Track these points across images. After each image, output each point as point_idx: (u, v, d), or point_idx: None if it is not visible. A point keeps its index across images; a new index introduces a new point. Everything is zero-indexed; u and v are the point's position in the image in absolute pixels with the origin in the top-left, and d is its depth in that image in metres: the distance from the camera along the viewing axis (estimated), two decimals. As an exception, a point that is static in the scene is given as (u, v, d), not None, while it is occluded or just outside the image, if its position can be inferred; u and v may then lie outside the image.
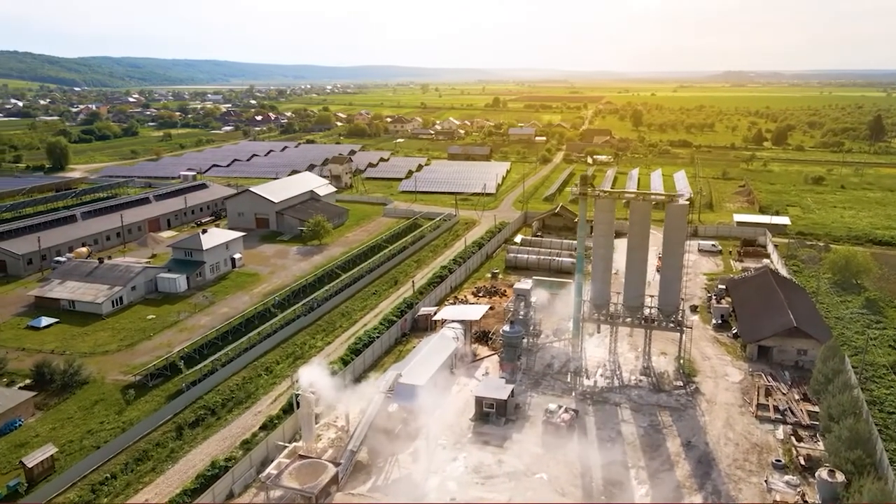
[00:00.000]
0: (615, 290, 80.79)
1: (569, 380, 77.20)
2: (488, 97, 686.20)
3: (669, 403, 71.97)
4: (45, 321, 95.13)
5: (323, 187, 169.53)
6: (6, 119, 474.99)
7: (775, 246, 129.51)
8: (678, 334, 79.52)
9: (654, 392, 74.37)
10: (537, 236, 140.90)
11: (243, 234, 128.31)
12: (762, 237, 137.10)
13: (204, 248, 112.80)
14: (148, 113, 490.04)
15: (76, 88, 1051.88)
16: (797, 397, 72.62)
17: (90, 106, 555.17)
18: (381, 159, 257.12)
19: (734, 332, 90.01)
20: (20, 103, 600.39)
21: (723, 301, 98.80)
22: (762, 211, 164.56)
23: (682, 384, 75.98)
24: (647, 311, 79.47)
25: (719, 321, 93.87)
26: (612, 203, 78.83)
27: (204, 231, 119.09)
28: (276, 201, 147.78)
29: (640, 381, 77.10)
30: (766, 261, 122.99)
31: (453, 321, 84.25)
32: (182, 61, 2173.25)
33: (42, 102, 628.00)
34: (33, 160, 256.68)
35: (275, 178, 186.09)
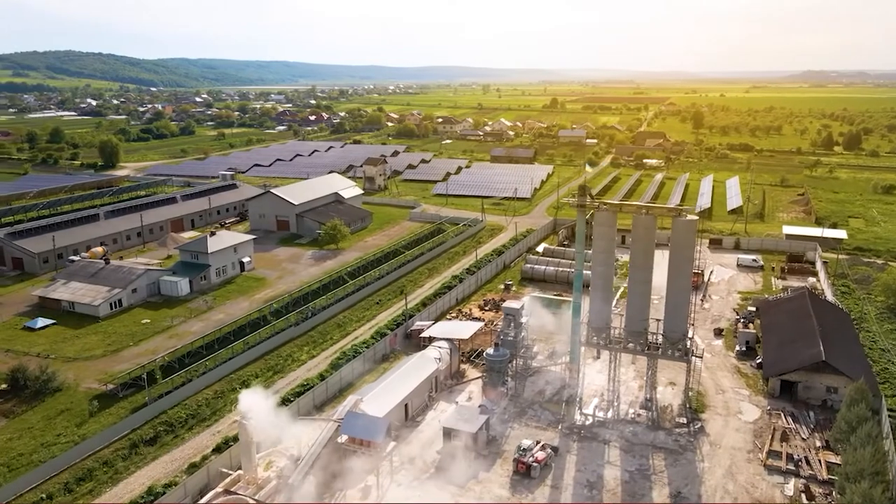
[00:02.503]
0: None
1: (562, 410, 70.05)
2: (548, 98, 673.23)
3: (666, 444, 63.85)
4: (42, 322, 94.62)
5: (349, 189, 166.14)
6: (79, 117, 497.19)
7: (825, 263, 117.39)
8: (688, 363, 70.71)
9: (651, 429, 66.34)
10: (563, 245, 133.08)
11: (254, 236, 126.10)
12: (812, 252, 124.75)
13: (209, 251, 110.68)
14: (209, 112, 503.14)
15: (152, 88, 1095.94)
16: (819, 445, 63.21)
17: (156, 105, 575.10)
18: (423, 161, 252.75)
19: (758, 361, 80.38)
20: (94, 102, 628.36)
21: (751, 325, 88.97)
22: (818, 223, 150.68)
23: (685, 421, 67.57)
24: (650, 337, 71.20)
25: (744, 348, 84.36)
26: (612, 216, 71.16)
27: (212, 233, 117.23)
28: (295, 203, 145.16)
29: (639, 415, 69.15)
30: (811, 279, 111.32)
31: (442, 339, 78.30)
32: (254, 62, 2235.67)
33: (115, 102, 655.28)
34: (89, 158, 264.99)
35: (306, 179, 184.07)
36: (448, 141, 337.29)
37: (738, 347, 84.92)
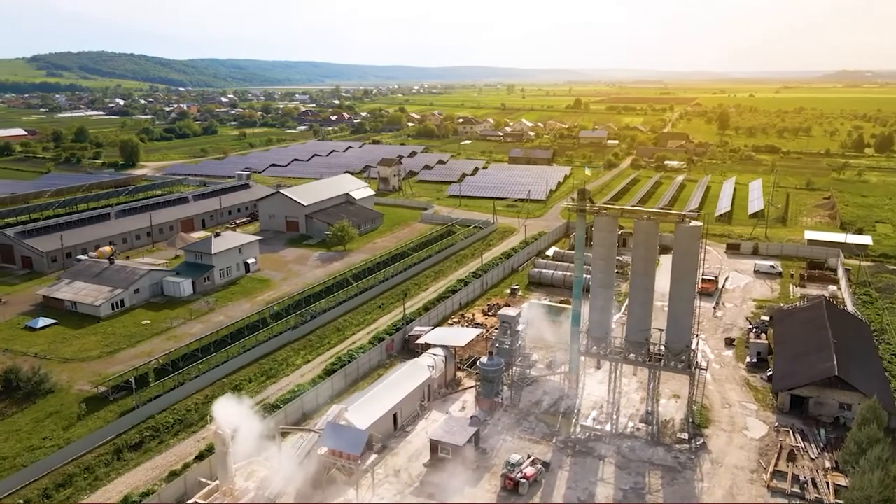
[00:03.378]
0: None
1: (558, 423, 67.36)
2: (572, 98, 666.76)
3: (665, 461, 60.83)
4: (43, 322, 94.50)
5: (360, 190, 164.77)
6: (106, 117, 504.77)
7: (847, 270, 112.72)
8: (691, 376, 67.45)
9: (650, 445, 63.34)
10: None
11: (259, 237, 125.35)
12: (834, 259, 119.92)
13: (213, 251, 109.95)
14: (233, 112, 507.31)
15: (181, 89, 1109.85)
16: (828, 465, 59.68)
17: (181, 105, 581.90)
18: (440, 161, 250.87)
19: (769, 374, 76.73)
20: (122, 102, 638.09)
21: (763, 336, 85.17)
22: (843, 227, 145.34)
23: (686, 437, 64.45)
24: (653, 348, 68.11)
25: (754, 359, 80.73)
26: (613, 221, 68.28)
27: (217, 234, 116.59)
28: (305, 204, 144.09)
29: (639, 429, 66.18)
30: (832, 287, 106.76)
31: (437, 346, 76.17)
32: (281, 63, 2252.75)
33: (142, 102, 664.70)
34: (111, 157, 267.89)
35: (319, 179, 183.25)
36: (468, 141, 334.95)
37: (748, 359, 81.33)
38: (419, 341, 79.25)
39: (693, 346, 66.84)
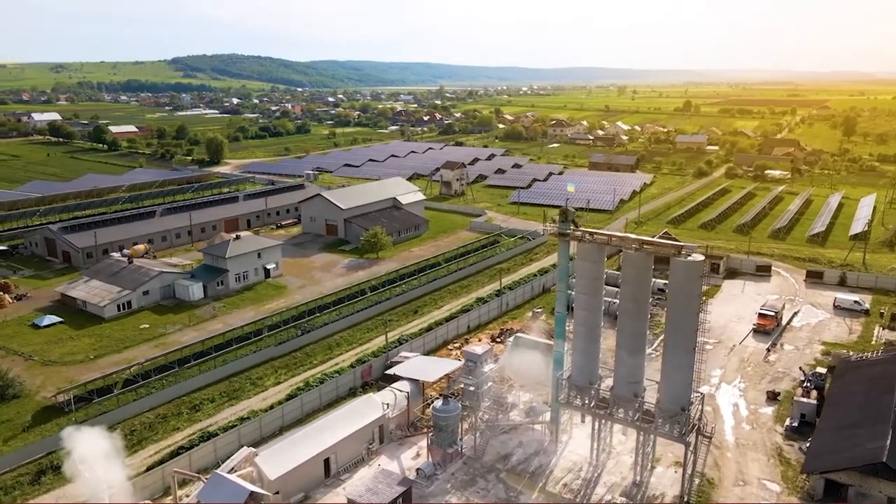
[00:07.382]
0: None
1: (520, 485, 56.49)
2: (683, 101, 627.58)
3: (634, 554, 48.62)
4: (48, 320, 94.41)
5: (409, 195, 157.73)
6: (218, 115, 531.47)
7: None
8: (687, 445, 54.35)
9: (623, 529, 51.21)
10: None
11: (280, 242, 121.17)
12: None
13: (227, 255, 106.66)
14: (332, 112, 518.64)
15: (298, 89, 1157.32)
16: (853, 585, 45.15)
17: (285, 105, 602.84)
18: (515, 165, 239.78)
19: (809, 445, 61.43)
20: (235, 101, 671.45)
21: (814, 392, 69.12)
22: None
23: (672, 523, 51.67)
24: (646, 405, 55.69)
25: (796, 423, 65.32)
26: (599, 250, 56.50)
27: (237, 237, 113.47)
28: (343, 208, 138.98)
29: (616, 504, 54.04)
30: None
31: (405, 378, 67.24)
32: (397, 64, 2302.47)
33: (254, 101, 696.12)
34: (201, 154, 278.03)
35: (376, 181, 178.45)
36: (555, 145, 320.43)
37: (788, 421, 66.01)
38: (390, 371, 70.52)
39: (691, 408, 53.63)
